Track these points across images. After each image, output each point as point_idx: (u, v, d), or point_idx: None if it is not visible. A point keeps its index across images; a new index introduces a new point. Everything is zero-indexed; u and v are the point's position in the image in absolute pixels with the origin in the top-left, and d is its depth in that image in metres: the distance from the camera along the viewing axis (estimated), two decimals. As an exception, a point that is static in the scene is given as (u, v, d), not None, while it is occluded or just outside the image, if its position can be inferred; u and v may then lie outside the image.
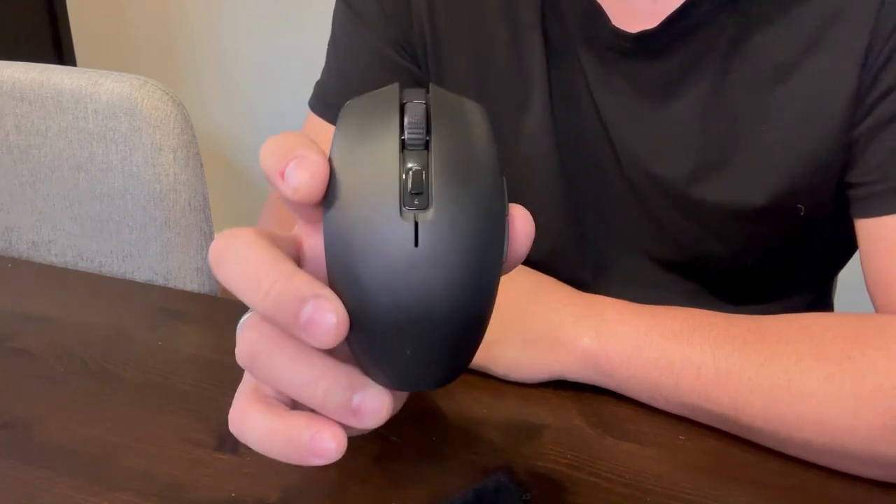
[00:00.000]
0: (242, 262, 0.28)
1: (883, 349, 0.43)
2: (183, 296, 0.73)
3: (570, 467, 0.44)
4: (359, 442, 0.29)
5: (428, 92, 0.29)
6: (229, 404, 0.50)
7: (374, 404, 0.29)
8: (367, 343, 0.28)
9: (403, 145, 0.27)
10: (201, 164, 0.84)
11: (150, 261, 0.85)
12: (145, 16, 2.15)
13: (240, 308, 0.29)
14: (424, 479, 0.44)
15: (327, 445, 0.29)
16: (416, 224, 0.26)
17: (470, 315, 0.28)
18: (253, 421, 0.30)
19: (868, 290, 0.54)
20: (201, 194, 0.84)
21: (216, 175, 1.81)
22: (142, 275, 0.86)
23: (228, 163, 2.20)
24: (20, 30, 2.08)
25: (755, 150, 0.56)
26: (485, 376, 0.52)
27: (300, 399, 0.29)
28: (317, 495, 0.43)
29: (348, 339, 0.27)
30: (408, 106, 0.28)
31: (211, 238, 0.86)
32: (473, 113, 0.29)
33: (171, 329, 0.60)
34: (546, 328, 0.50)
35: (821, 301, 0.72)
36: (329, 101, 0.67)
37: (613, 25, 0.56)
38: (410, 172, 0.26)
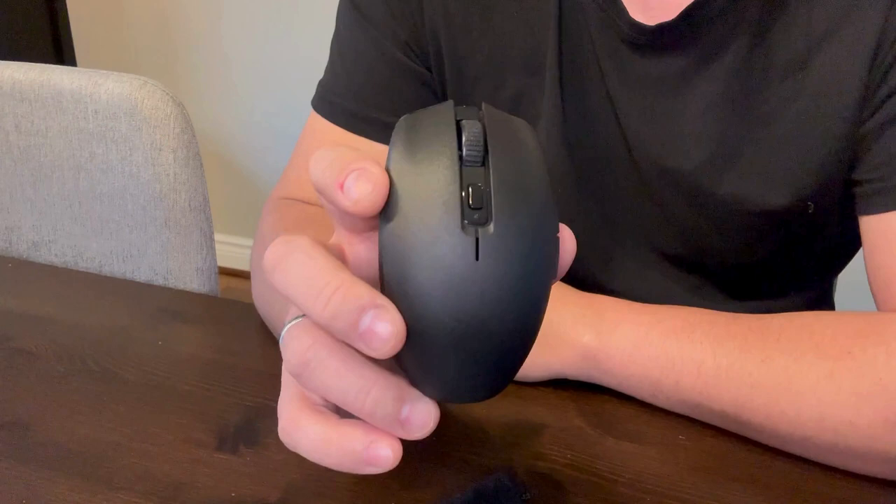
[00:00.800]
0: (302, 269, 0.28)
1: (883, 345, 0.43)
2: (183, 296, 0.73)
3: (570, 467, 0.44)
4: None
5: (480, 110, 0.30)
6: (229, 404, 0.50)
7: (422, 416, 0.29)
8: (420, 354, 0.28)
9: (461, 161, 0.28)
10: (201, 164, 0.84)
11: (150, 261, 0.85)
12: (145, 16, 2.15)
13: (240, 308, 0.29)
14: (424, 478, 0.44)
15: (384, 454, 0.29)
16: (477, 238, 0.26)
17: (523, 329, 0.28)
18: (307, 430, 0.30)
19: (870, 286, 0.54)
20: (201, 194, 0.84)
21: (216, 175, 1.81)
22: (142, 275, 0.86)
23: (228, 163, 2.20)
24: (20, 30, 2.08)
25: (767, 144, 0.56)
26: (485, 376, 0.52)
27: (348, 408, 0.29)
28: (317, 495, 0.43)
29: (400, 350, 0.28)
30: (464, 123, 0.28)
31: (211, 238, 0.86)
32: (525, 132, 0.30)
33: (171, 329, 0.60)
34: (546, 327, 0.49)
35: (822, 298, 0.72)
36: (333, 100, 0.67)
37: (631, 17, 0.56)
38: (470, 187, 0.27)
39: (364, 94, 0.65)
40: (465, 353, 0.27)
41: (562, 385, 0.51)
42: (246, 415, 0.49)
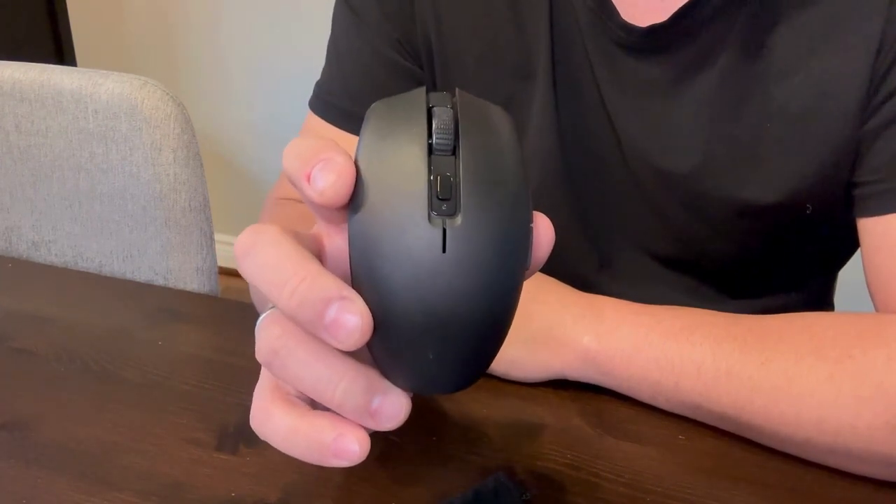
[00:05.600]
0: (269, 259, 0.28)
1: (884, 348, 0.43)
2: (183, 296, 0.73)
3: (570, 467, 0.44)
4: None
5: (454, 96, 0.29)
6: (229, 404, 0.50)
7: (392, 408, 0.29)
8: (389, 346, 0.28)
9: (431, 150, 0.27)
10: (201, 164, 0.84)
11: (150, 261, 0.85)
12: (145, 16, 2.15)
13: (240, 308, 0.29)
14: (424, 479, 0.44)
15: (351, 448, 0.28)
16: (445, 230, 0.26)
17: (492, 322, 0.28)
18: (276, 419, 0.30)
19: (868, 288, 0.54)
20: (201, 194, 0.84)
21: (216, 175, 1.81)
22: (142, 275, 0.86)
23: (228, 163, 2.20)
24: (20, 30, 2.08)
25: (763, 146, 0.56)
26: (485, 376, 0.52)
27: (318, 398, 0.29)
28: (317, 495, 0.43)
29: (369, 341, 0.27)
30: (435, 110, 0.28)
31: (211, 238, 0.86)
32: (500, 119, 0.29)
33: (171, 329, 0.60)
34: (546, 327, 0.50)
35: (821, 298, 0.72)
36: (329, 100, 0.67)
37: (623, 19, 0.56)
38: (439, 178, 0.26)
39: (359, 93, 0.65)
40: (434, 345, 0.27)
41: (562, 385, 0.51)
42: (246, 415, 0.48)
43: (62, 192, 0.87)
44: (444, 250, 0.26)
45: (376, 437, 0.46)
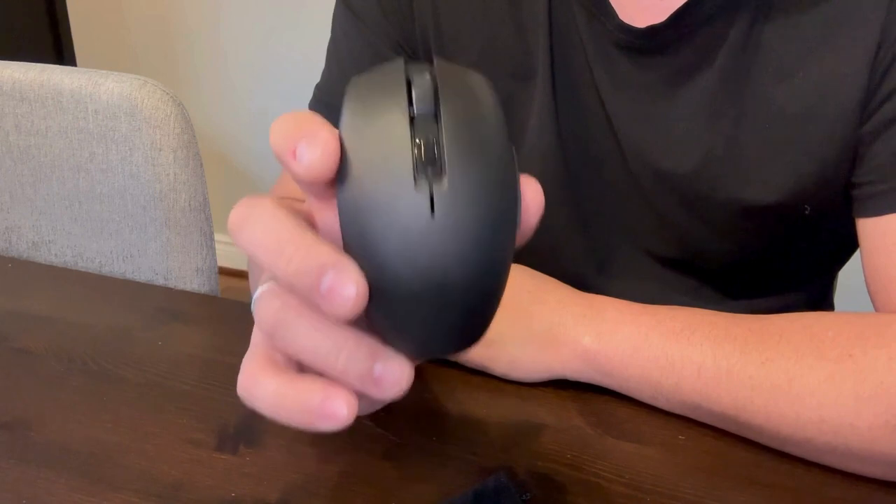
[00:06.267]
0: (265, 229, 0.28)
1: (884, 348, 0.43)
2: (183, 296, 0.73)
3: (570, 467, 0.44)
4: (359, 442, 0.29)
5: (432, 65, 0.29)
6: (229, 404, 0.50)
7: (394, 374, 0.29)
8: (386, 313, 0.28)
9: (413, 118, 0.27)
10: (201, 164, 0.84)
11: (150, 261, 0.85)
12: (145, 16, 2.15)
13: (240, 308, 0.29)
14: (424, 479, 0.44)
15: (339, 410, 0.28)
16: (432, 194, 0.26)
17: (488, 280, 0.28)
18: (263, 384, 0.30)
19: (868, 289, 0.54)
20: (201, 194, 0.84)
21: (216, 175, 1.81)
22: (142, 275, 0.86)
23: (228, 163, 2.20)
24: (20, 30, 2.08)
25: (762, 147, 0.56)
26: (485, 376, 0.52)
27: (321, 368, 0.29)
28: (317, 495, 0.43)
29: (367, 309, 0.28)
30: (415, 78, 0.28)
31: (211, 238, 0.86)
32: (479, 84, 0.29)
33: (171, 329, 0.60)
34: (546, 327, 0.50)
35: (821, 298, 0.72)
36: (329, 101, 0.67)
37: (621, 20, 0.56)
38: (422, 142, 0.27)
39: None
40: (431, 308, 0.27)
41: (562, 385, 0.51)
42: (246, 415, 0.49)
43: (62, 192, 0.87)
44: (432, 214, 0.26)
45: (376, 437, 0.47)
